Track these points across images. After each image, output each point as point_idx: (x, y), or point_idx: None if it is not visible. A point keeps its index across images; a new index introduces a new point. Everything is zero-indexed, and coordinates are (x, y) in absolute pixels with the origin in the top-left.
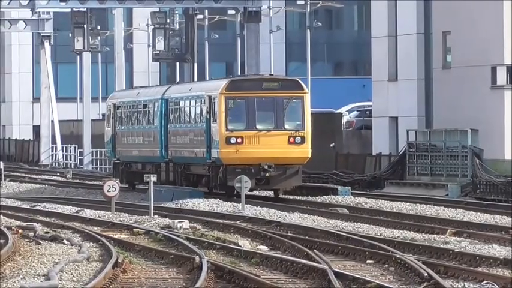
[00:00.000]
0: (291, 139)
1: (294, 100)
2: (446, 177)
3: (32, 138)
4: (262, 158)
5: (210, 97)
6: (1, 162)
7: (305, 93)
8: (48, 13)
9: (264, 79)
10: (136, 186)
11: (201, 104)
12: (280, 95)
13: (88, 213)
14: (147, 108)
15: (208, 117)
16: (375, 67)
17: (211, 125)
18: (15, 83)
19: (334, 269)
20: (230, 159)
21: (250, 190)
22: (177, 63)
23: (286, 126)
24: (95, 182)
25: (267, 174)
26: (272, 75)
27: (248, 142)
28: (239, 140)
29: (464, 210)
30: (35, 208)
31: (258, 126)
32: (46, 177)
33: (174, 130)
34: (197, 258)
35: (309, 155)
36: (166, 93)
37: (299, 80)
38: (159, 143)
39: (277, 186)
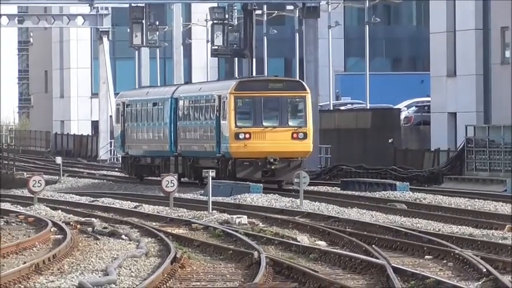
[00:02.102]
0: (295, 135)
1: (297, 99)
2: (504, 173)
3: (90, 134)
4: (268, 152)
5: (219, 96)
6: (60, 158)
7: (307, 93)
8: (106, 8)
9: (270, 80)
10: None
11: (211, 102)
12: (285, 94)
13: (146, 208)
14: (156, 107)
15: (217, 115)
16: (434, 63)
17: (221, 122)
18: (74, 78)
19: (392, 264)
20: (239, 153)
21: (258, 181)
22: (236, 58)
23: (290, 123)
24: (154, 178)
25: (273, 167)
26: (277, 76)
27: (255, 137)
28: (247, 135)
29: None
30: (93, 203)
31: (264, 123)
32: (104, 172)
33: (183, 126)
34: (255, 254)
35: (311, 150)
36: (176, 92)
37: (301, 81)
38: (168, 139)
39: (281, 177)
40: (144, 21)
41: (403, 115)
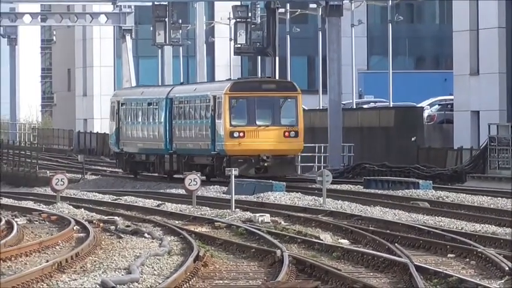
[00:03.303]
0: (287, 133)
1: (288, 100)
2: None
3: None
4: (261, 150)
5: (214, 97)
6: (83, 156)
7: (298, 93)
8: (129, 7)
9: (263, 81)
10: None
11: (206, 102)
12: (277, 95)
13: (169, 206)
14: (151, 106)
15: (213, 114)
16: (457, 61)
17: (216, 121)
18: (97, 76)
19: (415, 262)
20: (233, 150)
21: (251, 177)
22: (259, 57)
23: (282, 122)
24: (176, 176)
25: (265, 164)
26: (270, 77)
27: (249, 136)
28: (241, 134)
29: None
30: (116, 202)
31: (258, 122)
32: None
33: (179, 125)
34: (278, 252)
35: (302, 147)
36: (171, 93)
37: (293, 82)
38: (163, 137)
39: (274, 173)
40: (167, 19)
41: (426, 113)
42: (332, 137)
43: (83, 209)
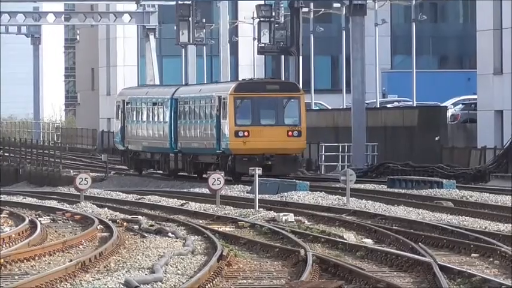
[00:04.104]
0: (290, 133)
1: (292, 100)
2: None
3: None
4: (266, 149)
5: (219, 97)
6: (106, 155)
7: (301, 94)
8: (153, 6)
9: (267, 82)
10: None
11: (211, 103)
12: (280, 95)
13: (193, 206)
14: (156, 106)
15: (218, 114)
16: (480, 60)
17: (221, 120)
18: (120, 76)
19: (439, 262)
20: (238, 149)
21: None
22: (282, 56)
23: (286, 122)
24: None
25: (269, 162)
26: (273, 78)
27: (253, 135)
28: (246, 133)
29: None
30: (139, 201)
31: (262, 122)
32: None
33: (184, 125)
34: (302, 252)
35: (305, 146)
36: (176, 93)
37: (296, 83)
38: (168, 136)
39: (278, 172)
40: (190, 18)
41: (449, 113)
42: (356, 137)
43: (106, 208)
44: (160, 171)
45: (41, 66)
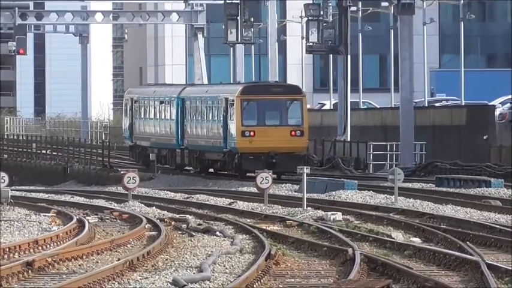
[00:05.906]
0: (293, 132)
1: (294, 102)
2: None
3: None
4: (270, 148)
5: (226, 99)
6: (154, 154)
7: (303, 96)
8: (201, 5)
9: (271, 85)
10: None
11: (218, 104)
12: (284, 97)
13: (241, 205)
14: (163, 104)
15: (225, 114)
16: None
17: (228, 120)
18: (168, 75)
19: (487, 261)
20: (245, 148)
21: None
22: (331, 55)
23: (289, 122)
24: (248, 174)
25: (274, 160)
26: (277, 82)
27: (259, 135)
28: (252, 133)
29: None
30: (187, 200)
31: (267, 122)
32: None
33: (190, 123)
34: (350, 251)
35: (307, 145)
36: (182, 93)
37: (299, 86)
38: (174, 133)
39: (282, 169)
40: (239, 17)
41: (497, 112)
42: (404, 135)
43: (154, 207)
44: (167, 165)
45: (89, 65)
